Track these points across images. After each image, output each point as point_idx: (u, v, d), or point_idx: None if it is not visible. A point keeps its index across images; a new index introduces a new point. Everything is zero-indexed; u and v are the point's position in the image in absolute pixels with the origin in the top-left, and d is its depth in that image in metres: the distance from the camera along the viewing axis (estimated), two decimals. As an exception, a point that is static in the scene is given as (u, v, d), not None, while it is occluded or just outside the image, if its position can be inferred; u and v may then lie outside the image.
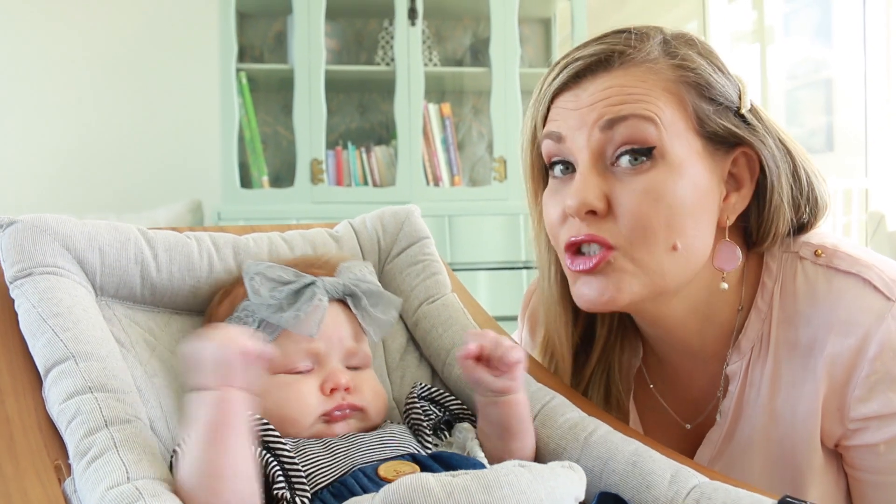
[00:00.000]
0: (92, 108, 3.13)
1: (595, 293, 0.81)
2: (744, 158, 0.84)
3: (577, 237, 0.80)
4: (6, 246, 0.74)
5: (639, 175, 0.79)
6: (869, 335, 0.80)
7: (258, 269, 0.77)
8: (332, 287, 0.78)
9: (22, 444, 0.63)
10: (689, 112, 0.81)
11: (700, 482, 0.68)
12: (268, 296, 0.75)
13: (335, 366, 0.77)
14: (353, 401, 0.75)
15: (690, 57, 0.83)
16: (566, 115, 0.83)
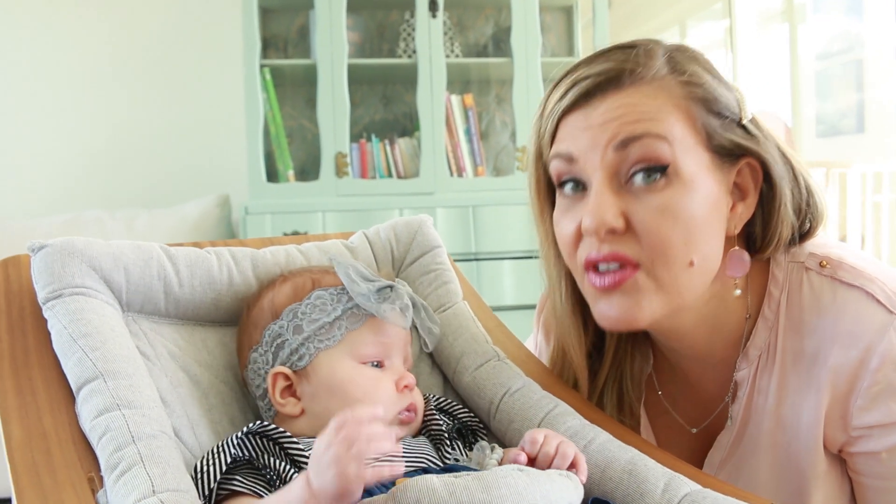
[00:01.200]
0: (121, 106, 3.21)
1: (617, 313, 0.82)
2: (748, 168, 0.86)
3: (598, 255, 0.81)
4: (38, 269, 0.79)
5: (654, 193, 0.80)
6: (871, 347, 0.82)
7: (350, 262, 0.82)
8: (407, 292, 0.82)
9: (58, 458, 0.68)
10: (697, 127, 0.82)
11: (691, 490, 0.71)
12: (364, 287, 0.79)
13: (400, 365, 0.81)
14: (415, 400, 0.80)
15: (697, 73, 0.84)
16: (577, 135, 0.83)
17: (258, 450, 0.70)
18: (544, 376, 0.93)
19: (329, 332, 0.79)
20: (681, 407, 1.00)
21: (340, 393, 0.76)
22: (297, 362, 0.79)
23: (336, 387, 0.77)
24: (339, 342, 0.79)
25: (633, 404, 0.99)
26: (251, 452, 0.70)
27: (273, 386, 0.79)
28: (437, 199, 2.82)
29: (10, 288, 0.82)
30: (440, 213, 2.78)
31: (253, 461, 0.70)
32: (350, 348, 0.79)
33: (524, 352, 0.97)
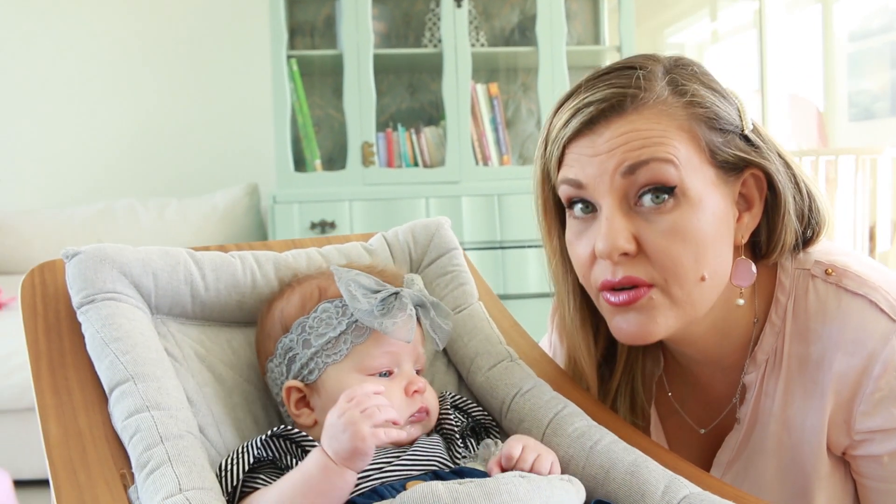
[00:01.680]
0: (151, 98, 3.27)
1: (634, 328, 0.84)
2: (752, 179, 0.88)
3: (614, 279, 0.83)
4: (72, 275, 0.83)
5: (663, 214, 0.82)
6: (874, 355, 0.85)
7: (350, 276, 0.82)
8: (412, 297, 0.84)
9: (92, 455, 0.73)
10: (702, 146, 0.83)
11: (690, 493, 0.74)
12: (364, 302, 0.80)
13: (410, 370, 0.83)
14: (426, 403, 0.82)
15: (698, 92, 0.85)
16: (584, 162, 0.84)
17: (281, 451, 0.74)
18: (557, 376, 0.96)
19: (335, 346, 0.81)
20: (690, 408, 1.03)
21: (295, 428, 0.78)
22: (308, 376, 0.82)
23: None
24: (346, 356, 0.81)
25: (644, 407, 1.02)
26: (275, 453, 0.74)
27: (288, 399, 0.83)
28: (462, 188, 2.84)
29: (47, 292, 0.86)
30: (465, 202, 2.81)
31: (276, 461, 0.74)
32: (356, 362, 0.81)
33: (538, 352, 1.00)
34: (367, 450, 0.67)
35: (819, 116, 4.46)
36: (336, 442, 0.68)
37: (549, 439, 0.84)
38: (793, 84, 4.47)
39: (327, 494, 0.68)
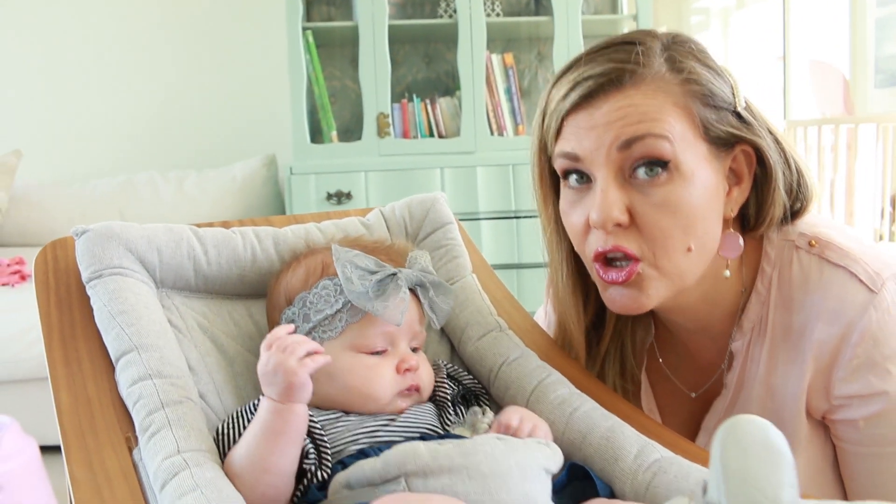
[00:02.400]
0: (170, 72, 3.31)
1: (626, 300, 0.88)
2: (742, 154, 0.90)
3: (605, 248, 0.86)
4: (81, 251, 0.88)
5: (656, 187, 0.85)
6: (852, 324, 0.88)
7: (348, 257, 0.85)
8: (409, 278, 0.87)
9: (100, 421, 0.78)
10: (696, 122, 0.86)
11: (662, 456, 0.77)
12: (359, 284, 0.83)
13: (405, 348, 0.87)
14: (417, 380, 0.86)
15: (695, 69, 0.87)
16: (581, 135, 0.87)
17: None
18: (546, 346, 1.00)
19: (331, 323, 0.85)
20: (681, 374, 1.06)
21: (339, 381, 0.82)
22: None
23: (335, 375, 0.82)
24: (341, 333, 0.85)
25: (634, 371, 1.06)
26: None
27: None
28: (477, 158, 2.87)
29: (58, 267, 0.92)
30: (480, 172, 2.83)
31: None
32: (350, 340, 0.85)
33: (529, 322, 1.04)
34: (301, 381, 0.73)
35: (845, 83, 4.39)
36: (273, 386, 0.74)
37: (533, 406, 0.88)
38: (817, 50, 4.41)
39: (285, 432, 0.74)
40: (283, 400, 0.73)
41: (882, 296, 0.87)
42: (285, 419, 0.74)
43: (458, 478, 0.67)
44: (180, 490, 0.68)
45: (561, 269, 0.99)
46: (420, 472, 0.67)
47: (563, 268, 0.99)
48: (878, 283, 0.88)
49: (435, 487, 0.67)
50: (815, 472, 0.97)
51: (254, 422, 0.75)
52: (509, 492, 0.68)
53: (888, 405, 0.88)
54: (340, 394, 0.83)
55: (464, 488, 0.67)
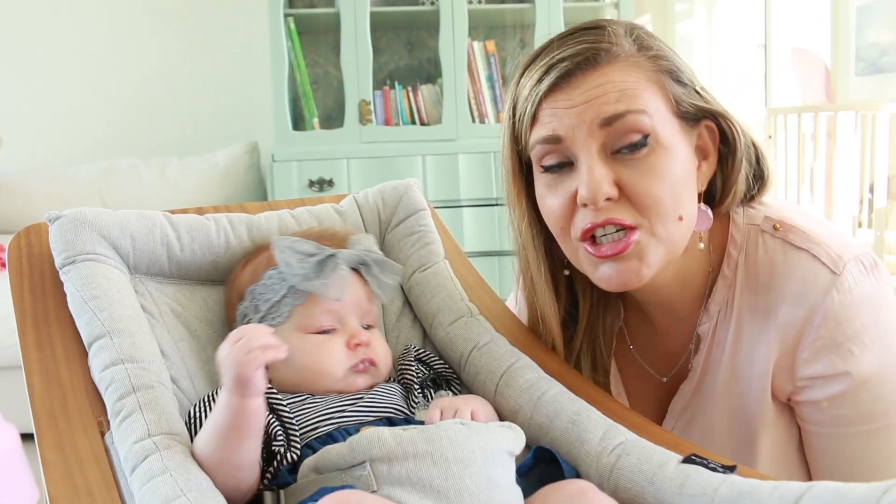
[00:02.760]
0: (152, 58, 3.30)
1: (625, 274, 0.88)
2: (706, 130, 0.93)
3: (597, 221, 0.87)
4: (54, 237, 0.89)
5: (640, 159, 0.86)
6: (816, 306, 0.90)
7: (287, 243, 0.88)
8: (348, 258, 0.89)
9: (72, 404, 0.79)
10: (668, 97, 0.89)
11: (626, 439, 0.79)
12: (298, 266, 0.86)
13: (354, 325, 0.89)
14: (371, 355, 0.88)
15: (660, 47, 0.91)
16: (560, 115, 0.87)
17: None
18: (517, 331, 1.01)
19: (278, 309, 0.87)
20: (649, 358, 1.08)
21: (292, 363, 0.84)
22: None
23: (289, 358, 0.82)
24: (288, 318, 0.87)
25: (605, 364, 1.08)
26: None
27: None
28: (458, 146, 2.87)
29: (32, 253, 0.92)
30: (462, 159, 2.84)
31: None
32: (297, 322, 0.87)
33: (500, 307, 1.05)
34: (249, 374, 0.71)
35: (826, 71, 4.42)
36: (225, 377, 0.73)
37: (502, 390, 0.89)
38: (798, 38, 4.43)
39: (238, 427, 0.73)
40: (235, 393, 0.73)
41: (844, 277, 0.90)
42: (238, 414, 0.73)
43: (423, 463, 0.68)
44: (150, 473, 0.69)
45: (538, 263, 0.99)
46: (385, 458, 0.69)
47: (540, 263, 0.99)
48: (839, 265, 0.90)
49: (399, 472, 0.68)
50: (780, 453, 0.99)
51: (212, 414, 0.76)
52: (472, 476, 0.69)
53: (851, 386, 0.90)
54: (297, 375, 0.85)
55: (428, 473, 0.68)
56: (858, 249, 0.93)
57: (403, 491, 0.68)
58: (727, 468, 0.74)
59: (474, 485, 0.69)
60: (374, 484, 0.68)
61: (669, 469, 0.75)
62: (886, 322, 0.91)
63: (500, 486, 0.71)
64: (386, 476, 0.68)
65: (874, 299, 0.91)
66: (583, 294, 1.04)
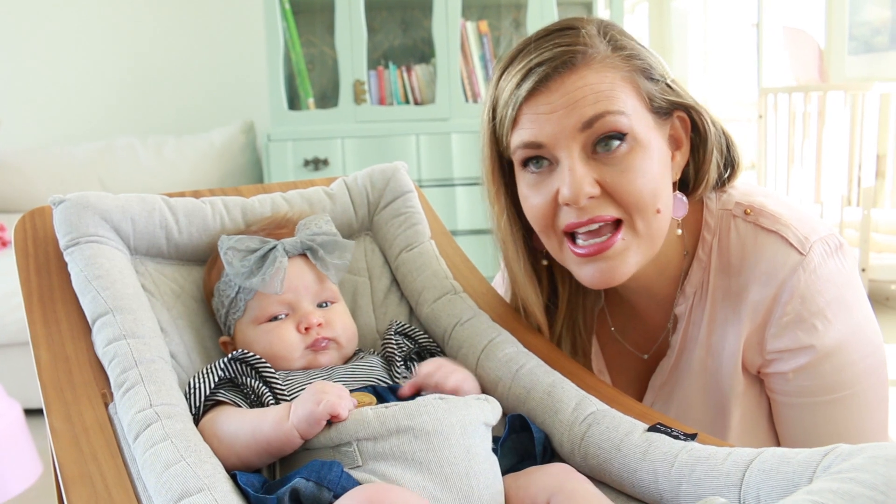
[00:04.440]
0: (149, 37, 3.32)
1: (605, 274, 0.93)
2: (678, 121, 0.98)
3: (580, 220, 0.91)
4: (58, 220, 0.94)
5: (619, 157, 0.91)
6: (783, 284, 0.96)
7: (230, 244, 0.93)
8: (291, 246, 0.94)
9: (78, 377, 0.85)
10: (642, 95, 0.93)
11: (597, 409, 0.85)
12: (239, 265, 0.91)
13: (307, 308, 0.93)
14: (326, 334, 0.92)
15: (633, 45, 0.94)
16: (541, 121, 0.90)
17: (239, 372, 0.86)
18: (499, 308, 1.06)
19: (236, 304, 0.94)
20: (630, 337, 1.14)
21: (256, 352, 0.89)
22: (228, 331, 0.96)
23: (247, 347, 0.90)
24: (245, 312, 0.93)
25: (586, 348, 1.13)
26: (233, 373, 0.86)
27: (226, 351, 0.95)
28: (452, 125, 2.91)
29: (37, 235, 0.97)
30: (455, 139, 2.88)
31: (234, 380, 0.86)
32: (251, 314, 0.93)
33: (484, 286, 1.10)
34: (319, 416, 0.75)
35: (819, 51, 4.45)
36: (300, 405, 0.76)
37: (482, 363, 0.95)
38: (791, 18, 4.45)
39: (275, 445, 0.77)
40: (292, 417, 0.76)
41: (810, 258, 0.95)
42: (282, 438, 0.76)
43: (405, 438, 0.74)
44: (152, 440, 0.74)
45: (517, 257, 1.04)
46: (370, 437, 0.74)
47: (520, 256, 1.03)
48: (806, 246, 0.96)
49: (383, 448, 0.74)
50: (751, 423, 1.05)
51: (252, 418, 0.79)
52: (451, 448, 0.74)
53: (814, 358, 0.96)
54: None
55: (410, 447, 0.74)
56: (825, 231, 0.98)
57: (387, 465, 0.73)
58: (688, 436, 0.80)
59: (454, 455, 0.74)
60: (358, 460, 0.74)
61: (635, 437, 0.81)
62: (849, 299, 0.97)
63: (477, 455, 0.76)
64: (371, 452, 0.74)
65: (837, 278, 0.96)
66: (562, 283, 1.09)
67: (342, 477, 0.71)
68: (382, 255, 1.12)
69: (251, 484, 0.73)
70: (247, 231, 1.00)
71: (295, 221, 1.00)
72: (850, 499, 0.54)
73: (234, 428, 0.80)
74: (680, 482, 0.74)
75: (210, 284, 0.98)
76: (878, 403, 1.01)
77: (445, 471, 0.73)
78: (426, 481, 0.72)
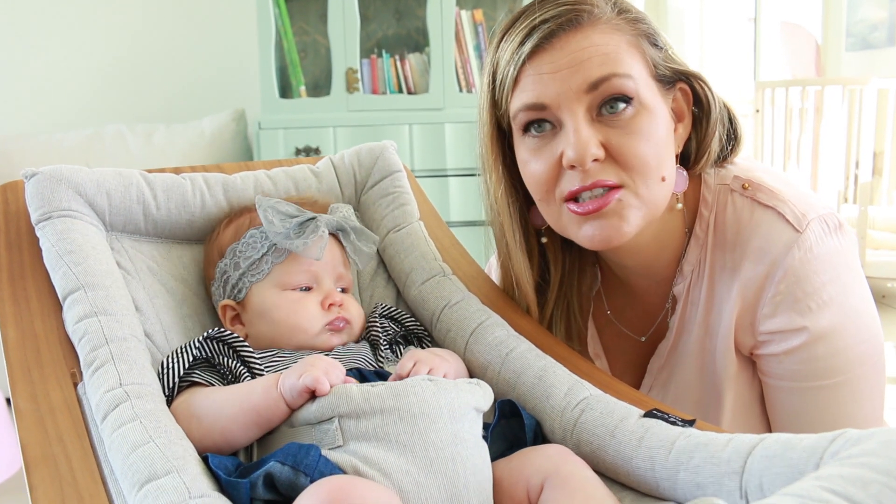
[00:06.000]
0: (137, 23, 3.27)
1: (606, 231, 0.89)
2: (680, 93, 0.95)
3: (584, 184, 0.88)
4: (30, 194, 0.90)
5: (624, 121, 0.88)
6: (776, 262, 0.92)
7: (270, 204, 0.90)
8: (329, 222, 0.91)
9: (46, 356, 0.81)
10: (647, 61, 0.90)
11: (590, 395, 0.81)
12: (280, 225, 0.88)
13: (330, 285, 0.91)
14: (345, 315, 0.90)
15: (637, 10, 0.92)
16: (545, 81, 0.87)
17: (215, 351, 0.82)
18: (489, 291, 1.03)
19: (259, 266, 0.90)
20: (627, 319, 1.10)
21: (267, 317, 0.88)
22: (238, 295, 0.91)
23: (264, 313, 0.88)
24: (268, 275, 0.90)
25: (581, 330, 1.09)
26: (209, 353, 0.82)
27: (224, 316, 0.92)
28: (445, 115, 2.87)
29: (9, 209, 0.93)
30: (449, 129, 2.84)
31: (210, 360, 0.82)
32: (276, 279, 0.90)
33: (474, 269, 1.07)
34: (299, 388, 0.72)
35: (816, 47, 4.42)
36: (289, 374, 0.74)
37: (471, 347, 0.91)
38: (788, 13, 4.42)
39: (262, 414, 0.74)
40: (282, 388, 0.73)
41: (806, 235, 0.91)
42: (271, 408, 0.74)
43: (390, 419, 0.70)
44: (120, 420, 0.71)
45: (512, 229, 1.00)
46: (353, 414, 0.70)
47: (515, 229, 1.00)
48: (803, 223, 0.92)
49: (366, 428, 0.70)
50: (743, 406, 1.01)
51: (237, 390, 0.77)
52: (438, 431, 0.71)
53: (808, 340, 0.92)
54: (273, 330, 0.87)
55: (394, 429, 0.70)
56: (824, 209, 0.94)
57: (369, 446, 0.69)
58: (686, 422, 0.77)
59: (440, 440, 0.70)
60: (339, 439, 0.70)
61: (630, 423, 0.77)
62: (846, 281, 0.93)
63: (465, 441, 0.72)
64: (353, 431, 0.70)
65: (835, 258, 0.93)
66: (554, 263, 1.06)
67: (320, 461, 0.67)
68: (370, 236, 1.08)
69: (223, 467, 0.69)
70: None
71: (322, 205, 0.98)
72: (863, 485, 0.50)
73: (218, 403, 0.76)
74: (678, 469, 0.71)
75: (222, 244, 0.94)
76: (871, 392, 0.97)
77: (430, 455, 0.69)
78: (409, 465, 0.68)
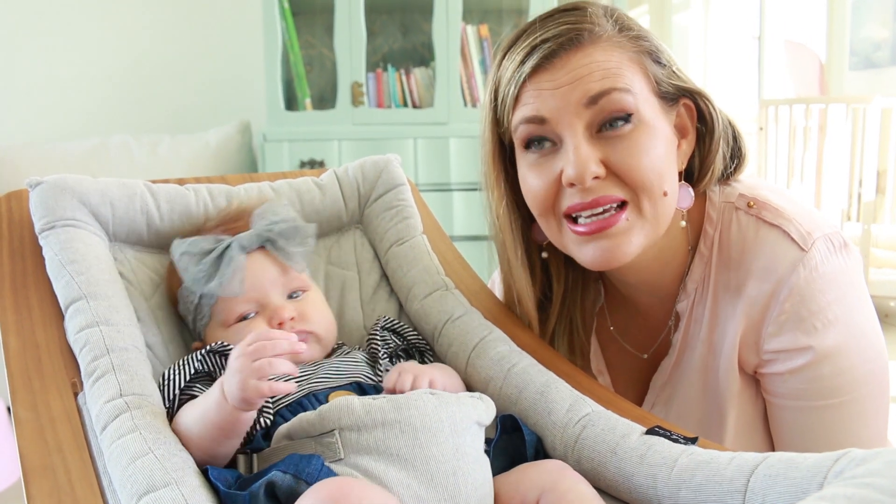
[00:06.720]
0: (144, 35, 3.28)
1: (607, 253, 0.89)
2: (685, 109, 0.95)
3: (585, 201, 0.88)
4: (35, 203, 0.90)
5: (625, 137, 0.87)
6: (782, 280, 0.91)
7: (182, 248, 0.88)
8: (247, 241, 0.89)
9: (47, 365, 0.80)
10: (649, 77, 0.90)
11: (592, 410, 0.81)
12: (195, 271, 0.87)
13: (276, 302, 0.88)
14: (302, 327, 0.88)
15: (639, 27, 0.92)
16: (545, 97, 0.88)
17: (217, 365, 0.82)
18: (492, 306, 1.02)
19: (200, 311, 0.89)
20: (630, 335, 1.09)
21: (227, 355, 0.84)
22: (200, 337, 0.91)
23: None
24: (211, 317, 0.89)
25: (584, 346, 1.09)
26: (210, 367, 0.82)
27: None
28: (450, 129, 2.88)
29: (13, 218, 0.93)
30: (453, 143, 2.85)
31: (212, 374, 0.82)
32: (219, 318, 0.89)
33: (477, 283, 1.06)
34: (251, 400, 0.70)
35: (820, 66, 4.43)
36: (228, 384, 0.72)
37: (473, 361, 0.91)
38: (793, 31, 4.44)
39: (228, 429, 0.73)
40: (229, 401, 0.71)
41: (811, 254, 0.91)
42: (230, 420, 0.72)
43: (391, 432, 0.69)
44: (120, 431, 0.70)
45: (514, 246, 1.00)
46: (354, 427, 0.70)
47: (517, 245, 1.00)
48: (808, 242, 0.92)
49: (367, 441, 0.69)
50: (746, 425, 1.00)
51: (202, 402, 0.75)
52: (439, 445, 0.70)
53: (813, 360, 0.92)
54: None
55: (395, 442, 0.69)
56: (829, 228, 0.94)
57: (370, 459, 0.69)
58: (689, 439, 0.76)
59: (441, 454, 0.70)
60: (340, 452, 0.69)
61: (632, 440, 0.76)
62: (852, 301, 0.93)
63: (467, 455, 0.71)
64: (353, 444, 0.69)
65: (840, 277, 0.92)
66: (557, 279, 1.05)
67: (322, 470, 0.66)
68: (372, 249, 1.08)
69: (223, 479, 0.68)
70: (203, 228, 0.95)
71: (250, 212, 0.94)
72: (866, 505, 0.50)
73: (190, 420, 0.75)
74: (679, 488, 0.70)
75: (173, 291, 0.93)
76: (875, 411, 0.97)
77: (431, 469, 0.68)
78: (410, 478, 0.67)
